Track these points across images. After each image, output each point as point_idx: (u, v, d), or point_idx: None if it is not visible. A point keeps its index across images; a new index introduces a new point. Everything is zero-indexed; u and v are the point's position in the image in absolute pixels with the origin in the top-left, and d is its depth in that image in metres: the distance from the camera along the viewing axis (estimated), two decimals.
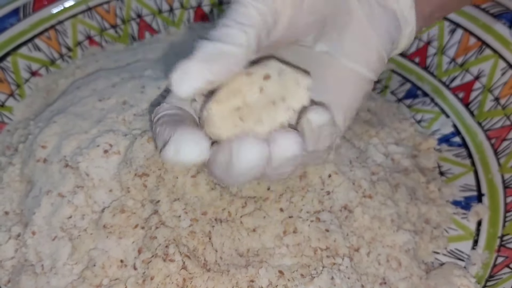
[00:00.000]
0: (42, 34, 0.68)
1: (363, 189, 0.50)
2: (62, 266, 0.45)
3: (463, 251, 0.53)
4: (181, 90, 0.32)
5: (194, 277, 0.42)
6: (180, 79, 0.32)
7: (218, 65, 0.33)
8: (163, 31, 0.76)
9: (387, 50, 0.41)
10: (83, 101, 0.55)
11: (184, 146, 0.33)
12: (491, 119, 0.61)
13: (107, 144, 0.49)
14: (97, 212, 0.47)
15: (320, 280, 0.43)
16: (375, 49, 0.40)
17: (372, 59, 0.40)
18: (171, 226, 0.44)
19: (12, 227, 0.50)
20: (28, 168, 0.52)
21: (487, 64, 0.62)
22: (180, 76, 0.32)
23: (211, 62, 0.32)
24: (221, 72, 0.33)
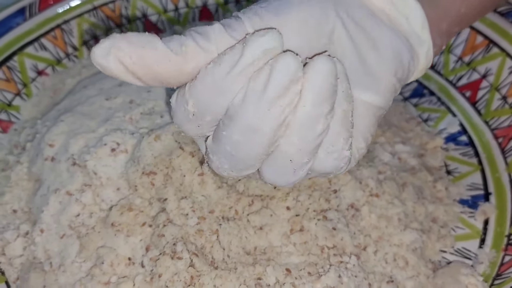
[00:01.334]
0: (48, 34, 0.68)
1: (370, 188, 0.51)
2: (70, 264, 0.46)
3: (470, 250, 0.53)
4: (93, 54, 0.32)
5: (202, 275, 0.43)
6: (98, 46, 0.32)
7: (135, 53, 0.32)
8: (168, 31, 0.76)
9: (399, 76, 0.38)
10: (90, 100, 0.55)
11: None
12: (498, 118, 0.60)
13: (115, 143, 0.49)
14: (105, 210, 0.47)
15: (327, 278, 0.43)
16: (384, 78, 0.38)
17: (381, 88, 0.38)
18: (179, 224, 0.45)
19: (20, 225, 0.50)
20: (36, 166, 0.52)
21: (494, 63, 0.62)
22: (100, 44, 0.32)
23: (132, 46, 0.32)
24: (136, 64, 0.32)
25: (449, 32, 0.43)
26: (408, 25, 0.39)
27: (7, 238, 0.49)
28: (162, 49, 0.32)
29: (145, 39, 0.32)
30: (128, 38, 0.32)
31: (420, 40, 0.40)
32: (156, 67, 0.33)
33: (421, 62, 0.41)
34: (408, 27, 0.39)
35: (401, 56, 0.38)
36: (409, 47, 0.39)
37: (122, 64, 0.32)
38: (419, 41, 0.40)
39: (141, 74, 0.33)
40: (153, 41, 0.32)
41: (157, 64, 0.32)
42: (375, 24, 0.38)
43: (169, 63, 0.33)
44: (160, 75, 0.33)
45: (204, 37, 0.33)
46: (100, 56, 0.32)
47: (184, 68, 0.33)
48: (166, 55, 0.32)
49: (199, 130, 0.36)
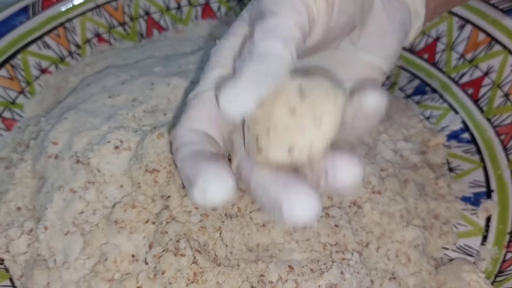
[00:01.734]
0: (51, 32, 0.69)
1: (372, 185, 0.51)
2: (74, 261, 0.46)
3: (472, 246, 0.53)
4: (232, 112, 0.31)
5: (205, 272, 0.43)
6: (229, 101, 0.31)
7: (266, 85, 0.31)
8: (171, 29, 0.77)
9: (402, 43, 0.42)
10: (93, 98, 0.56)
11: (211, 188, 0.32)
12: (500, 115, 0.60)
13: (118, 140, 0.49)
14: (108, 208, 0.47)
15: (329, 275, 0.43)
16: (392, 43, 0.41)
17: (389, 52, 0.41)
18: (182, 221, 0.45)
19: (24, 222, 0.50)
20: (39, 164, 0.52)
21: (496, 60, 0.62)
22: (229, 99, 0.31)
23: (260, 82, 0.31)
24: (269, 91, 0.32)
25: (434, 12, 0.46)
26: (411, 1, 0.43)
27: (11, 236, 0.50)
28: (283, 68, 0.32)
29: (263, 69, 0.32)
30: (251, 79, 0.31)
31: (418, 15, 0.43)
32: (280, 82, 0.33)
33: (412, 34, 0.44)
34: (411, 1, 0.43)
35: (406, 26, 0.42)
36: (410, 20, 0.43)
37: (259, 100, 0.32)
38: (417, 16, 0.43)
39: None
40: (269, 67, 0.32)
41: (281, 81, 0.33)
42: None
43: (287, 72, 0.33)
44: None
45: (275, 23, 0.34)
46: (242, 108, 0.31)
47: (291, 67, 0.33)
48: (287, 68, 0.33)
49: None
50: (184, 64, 0.59)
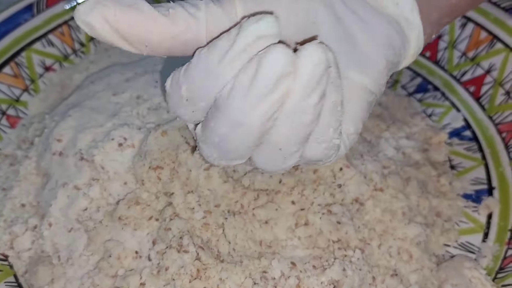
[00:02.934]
0: (56, 30, 0.69)
1: (375, 182, 0.51)
2: (78, 257, 0.46)
3: (474, 243, 0.53)
4: (77, 12, 0.31)
5: (208, 268, 0.43)
6: (83, 2, 0.31)
7: (121, 10, 0.31)
8: None
9: (390, 59, 0.38)
10: (98, 95, 0.56)
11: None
12: (502, 113, 0.61)
13: (122, 138, 0.49)
14: (112, 204, 0.48)
15: (332, 271, 0.44)
16: (375, 60, 0.37)
17: (372, 70, 0.37)
18: (185, 218, 0.45)
19: (29, 219, 0.51)
20: (44, 161, 0.53)
21: (498, 58, 0.62)
22: (87, 3, 0.31)
23: (119, 3, 0.31)
24: (121, 21, 0.31)
25: (439, 22, 0.43)
26: (398, 9, 0.39)
27: (15, 232, 0.50)
28: (148, 9, 0.32)
29: (132, 0, 0.32)
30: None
31: (410, 24, 0.40)
32: (141, 27, 0.32)
33: (412, 46, 0.40)
34: (398, 11, 0.39)
35: (391, 39, 0.38)
36: (399, 31, 0.39)
37: (106, 22, 0.31)
38: (409, 25, 0.40)
39: (126, 33, 0.32)
40: (141, 2, 0.32)
41: (142, 24, 0.32)
42: (365, 8, 0.38)
43: (154, 24, 0.32)
44: (145, 36, 0.32)
45: (193, 5, 0.33)
46: (84, 13, 0.31)
47: (169, 31, 0.32)
48: (153, 15, 0.32)
49: (193, 116, 0.35)
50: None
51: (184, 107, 0.35)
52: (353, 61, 0.36)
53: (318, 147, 0.35)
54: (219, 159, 0.36)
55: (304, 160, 0.37)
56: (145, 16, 0.32)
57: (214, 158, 0.36)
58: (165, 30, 0.32)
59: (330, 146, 0.36)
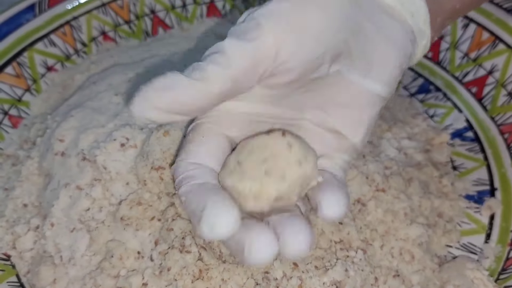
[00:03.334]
0: (58, 30, 0.69)
1: (376, 183, 0.51)
2: (80, 257, 0.46)
3: (476, 244, 0.53)
4: (134, 114, 0.34)
5: (210, 268, 0.43)
6: (132, 104, 0.34)
7: (166, 95, 0.33)
8: (176, 27, 0.77)
9: (403, 67, 0.40)
10: (100, 96, 0.56)
11: (219, 221, 0.33)
12: (504, 114, 0.61)
13: (124, 138, 0.49)
14: (114, 205, 0.47)
15: (334, 272, 0.44)
16: (391, 69, 0.39)
17: (388, 79, 0.39)
18: (188, 218, 0.45)
19: (31, 219, 0.51)
20: (46, 161, 0.53)
21: (500, 59, 0.62)
22: (133, 101, 0.34)
23: (160, 91, 0.33)
24: (170, 102, 0.34)
25: (441, 25, 0.45)
26: (413, 20, 0.41)
27: (17, 232, 0.50)
28: (186, 82, 0.34)
29: (169, 80, 0.34)
30: (154, 85, 0.34)
31: (422, 33, 0.42)
32: (188, 100, 0.34)
33: (417, 53, 0.43)
34: (413, 23, 0.41)
35: (406, 49, 0.40)
36: (413, 40, 0.41)
37: (159, 110, 0.34)
38: (422, 35, 0.42)
39: (177, 110, 0.34)
40: (176, 78, 0.34)
41: (187, 97, 0.34)
42: (386, 19, 0.39)
43: (198, 93, 0.34)
44: (194, 106, 0.35)
45: (219, 54, 0.34)
46: (139, 113, 0.34)
47: (210, 92, 0.34)
48: (193, 87, 0.34)
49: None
50: (190, 62, 0.59)
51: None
52: (373, 71, 0.39)
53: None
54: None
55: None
56: (188, 92, 0.34)
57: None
58: (206, 93, 0.34)
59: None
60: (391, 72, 0.39)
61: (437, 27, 0.44)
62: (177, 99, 0.34)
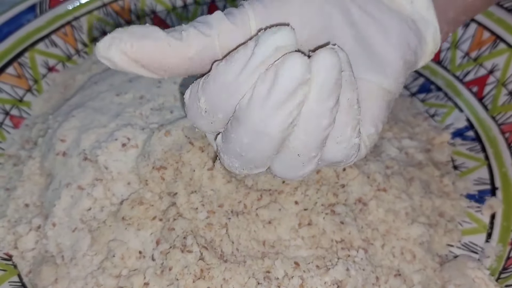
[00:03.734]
0: (59, 30, 0.69)
1: (378, 182, 0.51)
2: (82, 257, 0.46)
3: (477, 244, 0.53)
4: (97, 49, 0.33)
5: (212, 268, 0.43)
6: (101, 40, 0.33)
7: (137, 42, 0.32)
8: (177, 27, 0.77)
9: (407, 58, 0.39)
10: (101, 96, 0.56)
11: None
12: (505, 113, 0.61)
13: (125, 138, 0.49)
14: (115, 204, 0.48)
15: (335, 271, 0.44)
16: (392, 60, 0.38)
17: (390, 71, 0.38)
18: (189, 218, 0.45)
19: (32, 219, 0.51)
20: (48, 161, 0.53)
21: (501, 59, 0.62)
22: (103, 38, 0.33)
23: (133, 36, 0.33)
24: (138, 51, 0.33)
25: (456, 20, 0.43)
26: (413, 8, 0.40)
27: (19, 232, 0.50)
28: (162, 36, 0.33)
29: (146, 29, 0.33)
30: (129, 30, 0.33)
31: (426, 22, 0.40)
32: (158, 54, 0.33)
33: (429, 45, 0.41)
34: (413, 10, 0.40)
35: (408, 39, 0.39)
36: (416, 30, 0.40)
37: (125, 54, 0.33)
38: (425, 24, 0.40)
39: (144, 62, 0.33)
40: (154, 30, 0.33)
41: (158, 51, 0.33)
42: (380, 8, 0.38)
43: (170, 49, 0.33)
44: (163, 62, 0.33)
45: (205, 24, 0.34)
46: (103, 49, 0.33)
47: (185, 53, 0.33)
48: (167, 41, 0.33)
49: (212, 127, 0.36)
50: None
51: (202, 118, 0.35)
52: (370, 62, 0.37)
53: (337, 148, 0.36)
54: (240, 168, 0.37)
55: (325, 162, 0.37)
56: (160, 43, 0.33)
57: (236, 167, 0.37)
58: (181, 54, 0.33)
59: (349, 146, 0.36)
60: (393, 63, 0.38)
61: (450, 21, 0.42)
62: (147, 50, 0.33)
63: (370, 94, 0.37)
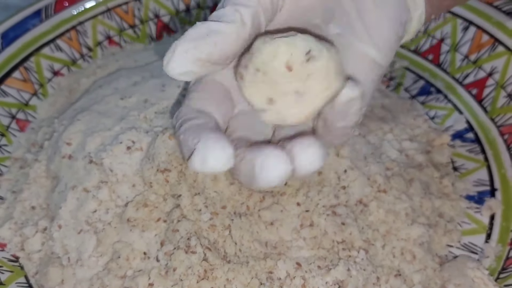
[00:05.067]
0: (64, 35, 0.70)
1: (378, 184, 0.51)
2: (87, 258, 0.47)
3: (477, 244, 0.54)
4: (172, 71, 0.34)
5: (215, 269, 0.43)
6: (170, 60, 0.33)
7: (206, 43, 0.33)
8: (180, 31, 0.77)
9: (399, 34, 0.40)
10: (106, 100, 0.56)
11: (210, 155, 0.32)
12: (504, 115, 0.61)
13: (130, 141, 0.50)
14: (120, 206, 0.48)
15: (336, 271, 0.44)
16: (386, 35, 0.39)
17: (383, 45, 0.39)
18: (192, 219, 0.45)
19: (39, 221, 0.51)
20: (53, 164, 0.53)
21: (499, 61, 0.62)
22: (169, 57, 0.33)
23: (199, 40, 0.33)
24: (211, 51, 0.34)
25: (440, 5, 0.44)
26: None
27: (26, 234, 0.51)
28: (224, 28, 0.34)
29: (205, 30, 0.34)
30: (189, 36, 0.34)
31: (415, 3, 0.41)
32: (228, 46, 0.34)
33: (413, 24, 0.42)
34: None
35: (400, 15, 0.40)
36: (406, 8, 0.41)
37: (199, 60, 0.34)
38: (414, 4, 0.41)
39: (217, 57, 0.34)
40: (212, 26, 0.34)
41: (227, 44, 0.34)
42: None
43: (237, 36, 0.34)
44: (231, 51, 0.35)
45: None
46: (180, 68, 0.34)
47: (245, 34, 0.35)
48: (231, 30, 0.34)
49: None
50: None
51: None
52: (366, 34, 0.38)
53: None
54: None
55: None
56: (229, 36, 0.34)
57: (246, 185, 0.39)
58: (242, 36, 0.35)
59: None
60: (387, 38, 0.39)
61: (435, 4, 0.43)
62: (217, 46, 0.34)
63: (364, 67, 0.38)
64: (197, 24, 0.34)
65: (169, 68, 0.34)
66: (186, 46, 0.33)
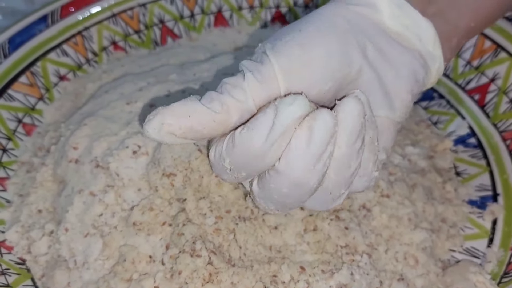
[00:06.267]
0: (69, 40, 0.70)
1: (381, 189, 0.52)
2: (94, 262, 0.47)
3: (479, 249, 0.54)
4: (146, 133, 0.36)
5: (220, 272, 0.44)
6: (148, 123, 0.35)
7: (184, 123, 0.35)
8: (185, 36, 0.78)
9: (414, 92, 0.41)
10: (112, 105, 0.57)
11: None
12: (506, 121, 0.61)
13: (136, 145, 0.50)
14: (126, 210, 0.48)
15: (340, 275, 0.44)
16: (401, 95, 0.40)
17: (399, 104, 0.40)
18: (197, 223, 0.46)
19: (45, 224, 0.52)
20: (60, 168, 0.54)
21: (502, 67, 0.63)
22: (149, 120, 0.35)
23: (180, 118, 0.35)
24: (186, 132, 0.35)
25: (458, 45, 0.45)
26: (421, 44, 0.41)
27: (32, 237, 0.51)
28: (205, 113, 0.35)
29: (188, 108, 0.35)
30: (173, 111, 0.35)
31: (432, 56, 0.42)
32: (204, 129, 0.35)
33: (432, 76, 0.43)
34: (421, 46, 0.41)
35: (416, 73, 0.41)
36: (424, 64, 0.41)
37: (173, 135, 0.35)
38: (432, 58, 0.42)
39: (192, 137, 0.36)
40: (196, 108, 0.35)
41: (204, 128, 0.35)
42: (392, 47, 0.40)
43: (215, 123, 0.35)
44: (209, 134, 0.36)
45: (237, 89, 0.36)
46: (154, 134, 0.35)
47: (228, 123, 0.36)
48: (211, 117, 0.35)
49: (236, 180, 0.39)
50: (199, 72, 0.60)
51: (227, 174, 0.38)
52: (383, 98, 0.39)
53: (360, 181, 0.39)
54: (275, 210, 0.40)
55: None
56: (205, 121, 0.35)
57: (271, 209, 0.40)
58: (224, 124, 0.36)
59: (370, 178, 0.39)
60: (402, 98, 0.40)
61: (453, 47, 0.44)
62: (193, 127, 0.35)
63: (384, 128, 0.40)
64: (186, 101, 0.36)
65: (145, 131, 0.36)
66: (165, 119, 0.35)
